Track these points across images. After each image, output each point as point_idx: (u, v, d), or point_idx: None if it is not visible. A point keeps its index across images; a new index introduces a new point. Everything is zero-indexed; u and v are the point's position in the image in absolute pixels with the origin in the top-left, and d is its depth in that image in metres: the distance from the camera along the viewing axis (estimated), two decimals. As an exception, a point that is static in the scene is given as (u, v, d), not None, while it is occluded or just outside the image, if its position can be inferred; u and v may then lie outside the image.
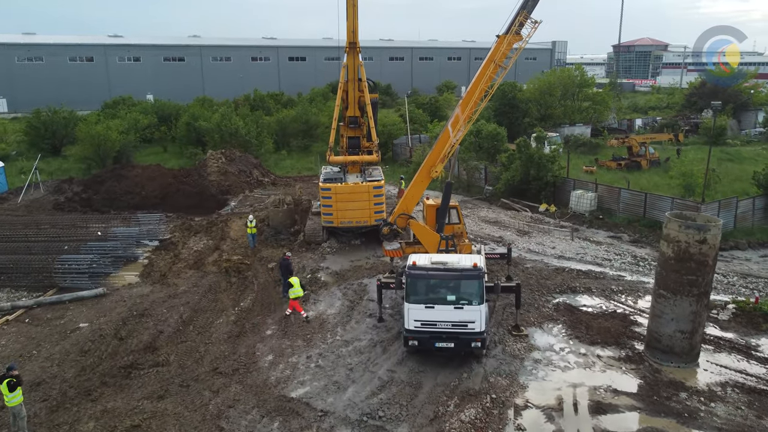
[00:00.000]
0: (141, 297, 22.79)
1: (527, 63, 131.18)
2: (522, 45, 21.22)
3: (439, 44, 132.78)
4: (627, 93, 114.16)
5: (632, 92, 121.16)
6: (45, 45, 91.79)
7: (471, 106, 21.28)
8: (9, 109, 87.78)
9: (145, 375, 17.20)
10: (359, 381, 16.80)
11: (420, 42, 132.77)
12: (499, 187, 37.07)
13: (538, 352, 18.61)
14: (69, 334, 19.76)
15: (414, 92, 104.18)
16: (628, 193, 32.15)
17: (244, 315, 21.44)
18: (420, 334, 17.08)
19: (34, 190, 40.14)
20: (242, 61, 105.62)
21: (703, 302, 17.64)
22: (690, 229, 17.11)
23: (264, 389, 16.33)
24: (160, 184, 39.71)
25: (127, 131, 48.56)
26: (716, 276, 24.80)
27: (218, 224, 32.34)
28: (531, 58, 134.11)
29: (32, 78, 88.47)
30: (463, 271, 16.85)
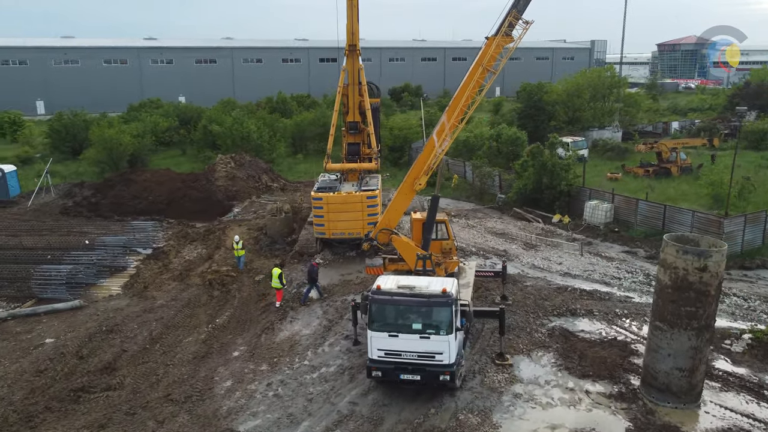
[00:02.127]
0: (115, 311, 22.04)
1: (565, 63, 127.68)
2: (513, 47, 19.59)
3: (473, 44, 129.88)
4: (669, 93, 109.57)
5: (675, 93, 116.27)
6: (80, 48, 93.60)
7: (457, 114, 19.73)
8: (46, 111, 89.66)
9: (95, 400, 16.30)
10: (316, 414, 15.50)
11: (453, 42, 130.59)
12: (511, 195, 35.20)
13: (520, 385, 16.95)
14: (31, 350, 19.09)
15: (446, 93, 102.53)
16: (647, 205, 29.92)
17: (215, 333, 20.43)
18: (384, 364, 15.66)
19: (45, 193, 40.23)
20: (273, 62, 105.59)
21: (705, 337, 15.68)
22: (689, 254, 15.20)
23: (212, 421, 15.19)
24: (167, 189, 39.29)
25: (143, 134, 48.46)
26: (736, 300, 22.73)
27: (216, 232, 31.51)
28: (568, 58, 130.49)
29: (68, 81, 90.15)
30: (431, 297, 15.34)
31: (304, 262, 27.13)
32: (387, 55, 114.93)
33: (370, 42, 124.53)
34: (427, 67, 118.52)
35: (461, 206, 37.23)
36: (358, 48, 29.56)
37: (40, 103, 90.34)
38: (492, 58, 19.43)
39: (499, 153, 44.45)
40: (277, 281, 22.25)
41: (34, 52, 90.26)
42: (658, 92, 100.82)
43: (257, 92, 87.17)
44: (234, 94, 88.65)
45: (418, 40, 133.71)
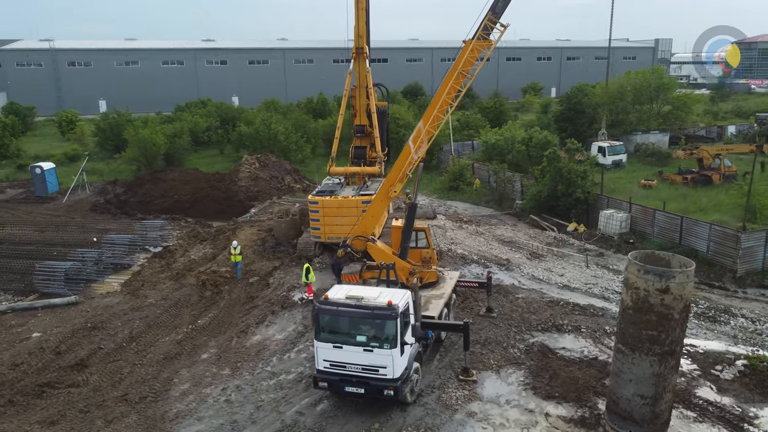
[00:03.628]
0: (105, 308, 22.75)
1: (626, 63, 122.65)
2: (489, 52, 18.88)
3: (529, 44, 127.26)
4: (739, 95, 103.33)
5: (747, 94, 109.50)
6: (140, 50, 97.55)
7: (432, 120, 19.22)
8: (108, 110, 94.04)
9: (56, 395, 16.85)
10: (260, 422, 15.44)
11: (507, 41, 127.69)
12: (527, 202, 34.09)
13: (478, 403, 16.31)
14: (16, 344, 19.96)
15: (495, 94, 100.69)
16: (664, 216, 28.26)
17: (193, 334, 20.73)
18: (329, 375, 15.41)
19: (81, 191, 42.09)
20: (324, 63, 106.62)
21: (669, 363, 14.57)
22: (650, 274, 14.17)
23: (157, 423, 15.39)
24: (192, 189, 40.41)
25: (179, 134, 49.95)
26: (743, 321, 21.15)
27: (226, 233, 32.03)
28: (630, 58, 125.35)
29: (128, 81, 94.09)
30: (375, 309, 14.96)
31: (301, 265, 27.19)
32: (438, 55, 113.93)
33: (423, 42, 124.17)
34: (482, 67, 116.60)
35: (478, 212, 36.39)
36: (365, 51, 29.39)
37: (103, 102, 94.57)
38: (467, 62, 18.82)
39: (529, 157, 43.19)
40: (305, 277, 22.88)
41: (98, 54, 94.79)
42: (726, 94, 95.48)
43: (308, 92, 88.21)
44: (285, 95, 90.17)
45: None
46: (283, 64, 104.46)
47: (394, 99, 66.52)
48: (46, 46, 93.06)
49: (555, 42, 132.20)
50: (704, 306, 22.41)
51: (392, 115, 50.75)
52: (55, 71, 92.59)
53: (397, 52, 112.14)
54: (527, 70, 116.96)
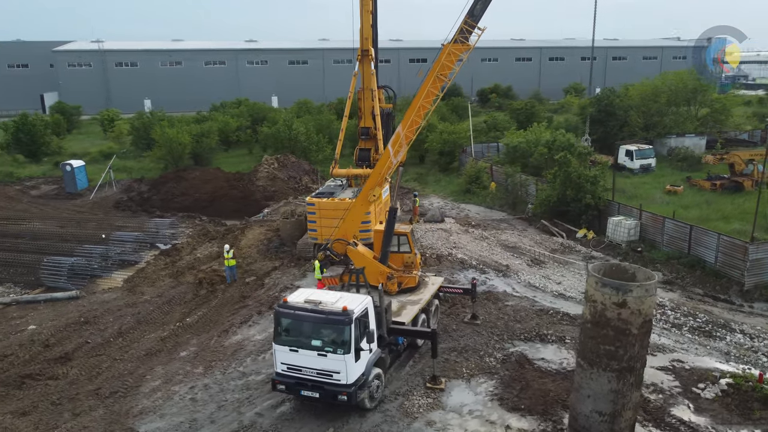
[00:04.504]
0: (101, 303, 23.53)
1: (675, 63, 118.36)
2: (466, 55, 18.59)
3: (573, 43, 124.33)
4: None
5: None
6: (184, 50, 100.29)
7: (410, 124, 19.05)
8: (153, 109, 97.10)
9: (35, 387, 17.54)
10: (219, 422, 15.68)
11: (550, 41, 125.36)
12: (536, 207, 33.37)
13: (440, 412, 16.11)
14: (11, 335, 20.88)
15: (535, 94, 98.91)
16: (673, 224, 27.17)
17: (178, 332, 21.21)
18: (287, 378, 15.52)
19: (108, 188, 43.60)
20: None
21: (628, 380, 14.02)
22: (607, 287, 13.67)
23: (120, 418, 15.83)
24: (212, 187, 41.26)
25: (207, 134, 51.10)
26: (740, 338, 20.19)
27: (235, 232, 32.62)
28: (680, 57, 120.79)
29: (172, 81, 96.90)
30: (330, 314, 14.96)
31: (300, 266, 27.46)
32: (480, 55, 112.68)
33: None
34: (522, 68, 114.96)
35: (490, 216, 35.85)
36: (370, 53, 29.36)
37: (147, 101, 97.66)
38: (445, 66, 18.56)
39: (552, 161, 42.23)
40: (319, 273, 22.65)
41: (144, 55, 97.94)
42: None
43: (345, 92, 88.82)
44: (324, 95, 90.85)
45: (517, 39, 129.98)
46: (322, 65, 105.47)
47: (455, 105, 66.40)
48: (96, 47, 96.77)
49: (601, 41, 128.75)
50: (702, 320, 21.45)
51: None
52: (103, 72, 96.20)
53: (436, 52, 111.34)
54: (570, 71, 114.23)
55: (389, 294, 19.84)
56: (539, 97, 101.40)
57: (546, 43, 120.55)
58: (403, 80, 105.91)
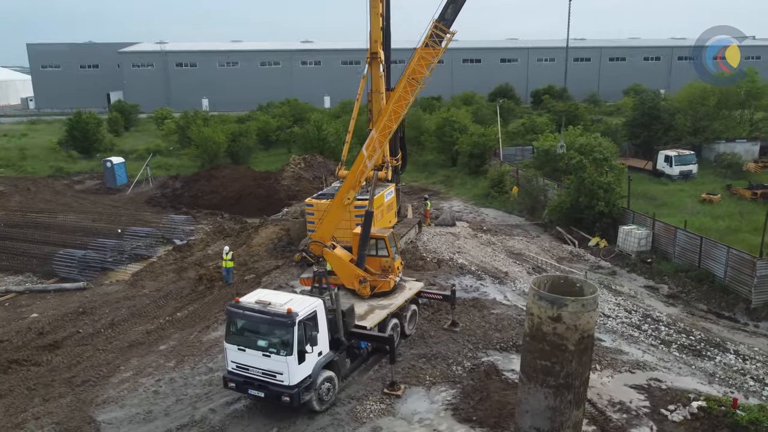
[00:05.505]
0: (103, 295, 24.69)
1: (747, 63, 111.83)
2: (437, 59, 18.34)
3: (636, 43, 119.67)
4: None
5: None
6: (241, 51, 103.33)
7: (382, 128, 18.98)
8: (210, 108, 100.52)
9: (18, 372, 18.64)
10: (172, 415, 16.19)
11: (611, 41, 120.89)
12: (549, 213, 32.46)
13: (389, 419, 16.03)
14: (13, 322, 22.26)
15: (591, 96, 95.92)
16: (685, 235, 25.82)
17: (165, 326, 21.99)
18: (236, 377, 15.84)
19: (145, 184, 45.58)
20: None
21: (566, 398, 13.52)
22: (543, 300, 13.25)
23: (84, 406, 16.60)
24: (240, 186, 42.42)
25: (245, 133, 52.53)
26: (731, 358, 19.10)
27: (249, 230, 33.42)
28: (754, 57, 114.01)
29: (229, 81, 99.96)
30: (274, 315, 15.16)
31: (301, 266, 27.79)
32: (534, 55, 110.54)
33: (520, 42, 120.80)
34: (580, 68, 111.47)
35: (507, 220, 35.17)
36: (379, 55, 29.38)
37: (205, 101, 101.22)
38: (414, 71, 18.37)
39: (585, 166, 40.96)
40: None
41: (202, 56, 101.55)
42: None
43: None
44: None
45: (578, 39, 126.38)
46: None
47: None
48: (158, 48, 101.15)
49: (664, 41, 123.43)
50: (696, 338, 20.33)
51: (448, 119, 50.33)
52: (164, 72, 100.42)
53: (491, 52, 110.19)
54: (632, 71, 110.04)
55: (361, 297, 19.92)
56: (595, 98, 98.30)
57: (607, 43, 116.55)
58: (456, 81, 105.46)
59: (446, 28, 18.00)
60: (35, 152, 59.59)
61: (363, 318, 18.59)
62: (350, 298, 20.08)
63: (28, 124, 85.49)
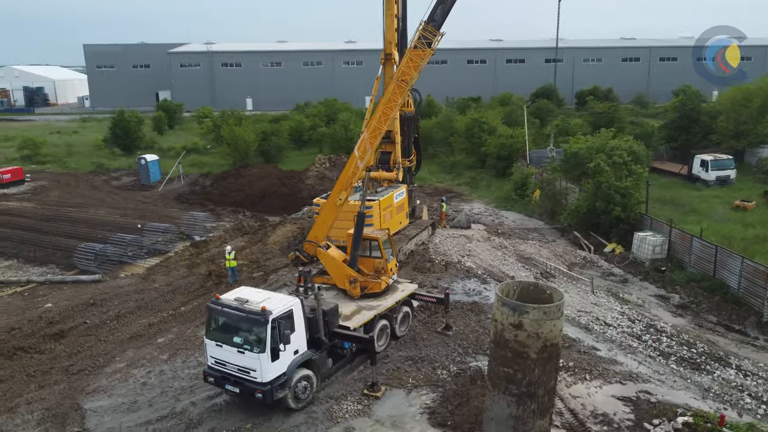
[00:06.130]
0: (115, 287, 25.60)
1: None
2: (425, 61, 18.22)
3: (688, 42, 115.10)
4: None
5: None
6: (284, 51, 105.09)
7: (372, 129, 18.99)
8: (253, 108, 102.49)
9: (22, 359, 19.56)
10: (155, 405, 16.71)
11: (663, 40, 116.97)
12: (565, 217, 31.71)
13: (363, 420, 16.09)
14: (27, 311, 23.36)
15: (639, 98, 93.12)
16: (700, 243, 24.82)
17: (167, 319, 22.64)
18: (215, 372, 16.21)
19: (177, 181, 46.93)
20: (458, 64, 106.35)
21: (529, 407, 13.27)
22: (505, 307, 13.06)
23: (74, 394, 17.30)
24: (265, 184, 43.14)
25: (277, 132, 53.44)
26: (731, 373, 18.29)
27: (267, 228, 33.99)
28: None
29: (272, 81, 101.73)
30: (249, 313, 15.44)
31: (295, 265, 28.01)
32: (581, 55, 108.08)
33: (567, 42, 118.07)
34: (629, 68, 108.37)
35: (525, 224, 34.59)
36: (393, 57, 29.38)
37: (249, 100, 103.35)
38: (404, 73, 18.31)
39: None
40: None
41: (247, 56, 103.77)
42: None
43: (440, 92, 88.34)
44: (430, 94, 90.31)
45: (627, 38, 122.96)
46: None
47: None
48: (205, 48, 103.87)
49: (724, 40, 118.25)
50: (698, 350, 19.53)
51: (477, 120, 49.83)
52: (210, 72, 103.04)
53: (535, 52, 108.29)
54: (683, 72, 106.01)
55: (351, 298, 20.03)
56: (643, 100, 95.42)
57: (657, 43, 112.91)
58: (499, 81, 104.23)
59: (435, 29, 17.89)
60: (81, 149, 62.28)
61: (349, 318, 18.69)
62: (342, 298, 20.27)
63: (80, 121, 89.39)
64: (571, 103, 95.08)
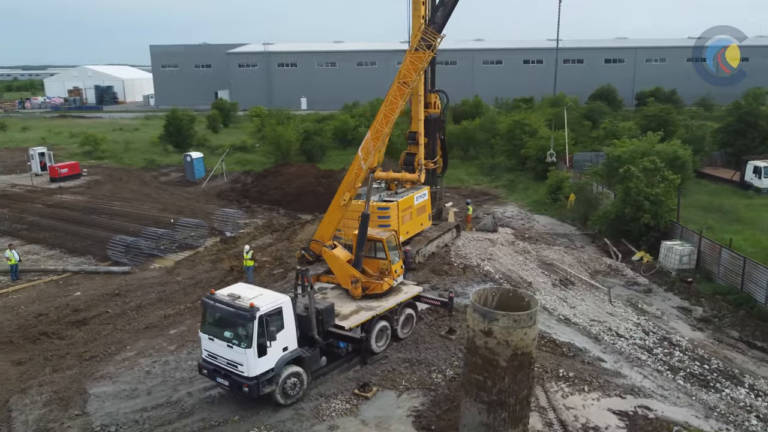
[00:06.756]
0: (141, 279, 26.73)
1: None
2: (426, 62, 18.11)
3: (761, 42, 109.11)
4: None
5: None
6: (339, 52, 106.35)
7: (375, 131, 19.05)
8: (307, 107, 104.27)
9: (43, 343, 20.74)
10: (153, 394, 17.39)
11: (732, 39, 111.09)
12: (593, 223, 30.74)
13: (349, 419, 16.23)
14: (57, 298, 24.71)
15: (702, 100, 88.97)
16: (728, 254, 23.59)
17: (183, 311, 23.47)
18: (208, 364, 16.73)
19: (220, 178, 48.41)
20: (514, 63, 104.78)
21: (499, 415, 13.09)
22: (476, 313, 12.93)
23: (83, 379, 18.21)
24: (302, 183, 43.87)
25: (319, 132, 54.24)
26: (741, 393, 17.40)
27: (295, 226, 34.64)
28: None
29: (327, 81, 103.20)
30: (238, 309, 15.84)
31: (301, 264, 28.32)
32: (643, 55, 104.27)
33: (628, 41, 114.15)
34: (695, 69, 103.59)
35: (556, 229, 33.79)
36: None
37: (304, 99, 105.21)
38: (405, 75, 18.29)
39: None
40: None
41: (303, 56, 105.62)
42: None
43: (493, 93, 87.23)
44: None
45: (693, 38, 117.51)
46: (471, 66, 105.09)
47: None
48: (262, 49, 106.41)
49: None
50: (711, 367, 18.62)
51: (520, 122, 48.99)
52: (267, 71, 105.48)
53: (594, 52, 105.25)
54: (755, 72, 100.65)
55: (353, 298, 20.19)
56: (708, 102, 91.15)
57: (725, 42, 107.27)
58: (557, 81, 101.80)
59: (436, 31, 17.78)
60: (138, 146, 65.14)
61: (346, 318, 18.86)
62: (346, 297, 20.47)
63: (143, 119, 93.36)
64: (630, 104, 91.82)
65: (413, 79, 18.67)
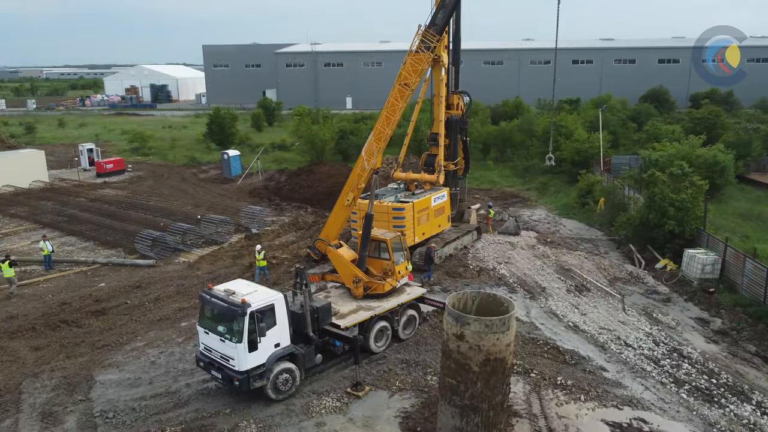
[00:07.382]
0: (162, 273, 27.64)
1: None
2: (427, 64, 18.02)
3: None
4: None
5: None
6: (384, 51, 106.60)
7: (377, 133, 19.12)
8: (353, 107, 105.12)
9: (62, 330, 21.75)
10: (154, 384, 18.03)
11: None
12: (617, 228, 29.86)
13: (337, 417, 16.42)
14: (82, 288, 25.84)
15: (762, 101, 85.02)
16: (752, 265, 22.54)
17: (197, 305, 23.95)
18: (204, 357, 17.22)
19: (255, 176, 49.47)
20: (562, 63, 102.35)
21: (472, 420, 13.00)
22: (450, 317, 12.89)
23: (92, 366, 19.04)
24: (333, 182, 44.20)
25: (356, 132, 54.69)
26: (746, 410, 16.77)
27: (319, 224, 35.04)
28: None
29: (372, 80, 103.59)
30: (230, 304, 16.24)
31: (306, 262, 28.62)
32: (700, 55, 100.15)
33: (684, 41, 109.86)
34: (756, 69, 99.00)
35: (582, 234, 33.04)
36: (442, 60, 29.18)
37: (349, 99, 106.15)
38: (405, 77, 18.27)
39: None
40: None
41: (348, 56, 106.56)
42: None
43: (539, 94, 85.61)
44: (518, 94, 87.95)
45: (757, 37, 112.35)
46: (517, 66, 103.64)
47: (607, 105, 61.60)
48: (309, 49, 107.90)
49: None
50: (720, 381, 17.89)
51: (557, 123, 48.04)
52: (314, 71, 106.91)
53: (647, 52, 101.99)
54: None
55: (354, 297, 20.35)
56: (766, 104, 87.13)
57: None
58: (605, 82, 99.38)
59: (436, 33, 17.71)
60: (184, 143, 67.25)
61: (344, 317, 19.05)
62: (348, 296, 20.66)
63: (193, 117, 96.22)
64: (684, 106, 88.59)
65: (414, 81, 18.68)
